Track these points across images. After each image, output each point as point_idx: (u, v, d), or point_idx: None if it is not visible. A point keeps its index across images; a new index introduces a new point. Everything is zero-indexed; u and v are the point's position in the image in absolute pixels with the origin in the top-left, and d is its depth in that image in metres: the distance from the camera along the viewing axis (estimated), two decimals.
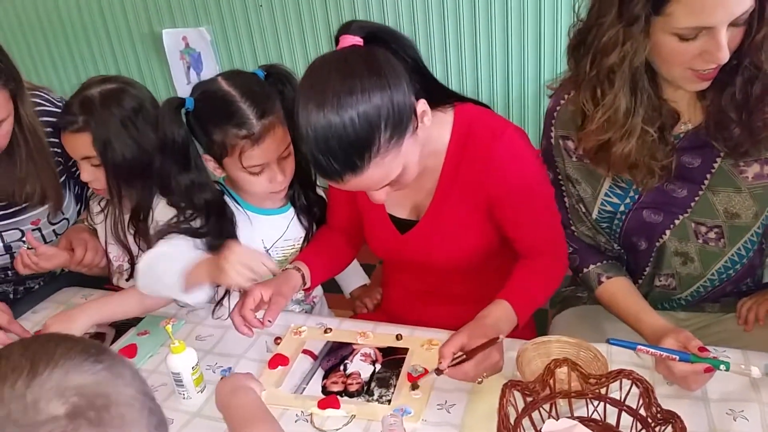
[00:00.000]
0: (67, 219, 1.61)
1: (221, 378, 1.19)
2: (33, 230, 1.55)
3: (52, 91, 1.57)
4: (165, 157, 1.24)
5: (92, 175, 1.37)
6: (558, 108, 1.22)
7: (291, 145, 1.26)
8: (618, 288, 1.24)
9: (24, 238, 1.53)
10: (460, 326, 1.26)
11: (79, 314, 1.30)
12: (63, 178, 1.55)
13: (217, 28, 2.66)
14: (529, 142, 1.24)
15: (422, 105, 1.06)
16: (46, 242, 1.56)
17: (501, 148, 1.17)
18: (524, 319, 1.17)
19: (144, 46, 2.83)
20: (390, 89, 0.97)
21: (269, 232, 1.38)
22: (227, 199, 1.34)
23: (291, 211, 1.42)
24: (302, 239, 1.43)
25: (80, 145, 1.33)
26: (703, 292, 1.27)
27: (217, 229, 1.29)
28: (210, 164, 1.28)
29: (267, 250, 1.38)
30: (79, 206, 1.65)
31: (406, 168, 1.06)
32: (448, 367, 1.04)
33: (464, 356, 1.03)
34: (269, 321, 1.18)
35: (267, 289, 1.21)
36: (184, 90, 2.82)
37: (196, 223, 1.29)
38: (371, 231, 1.36)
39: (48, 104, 1.52)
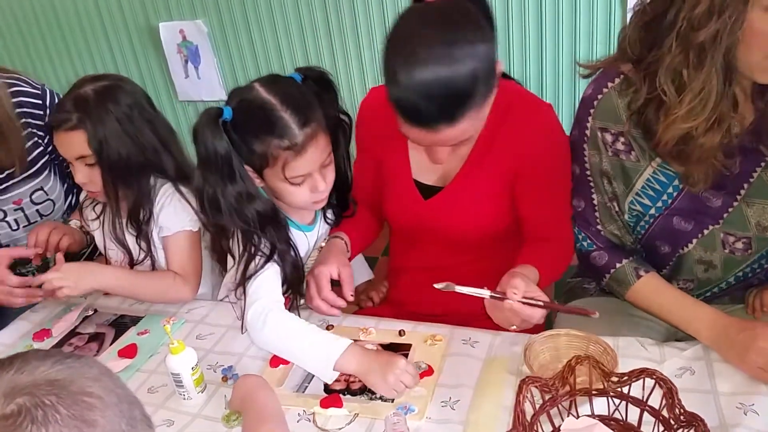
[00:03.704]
0: (51, 200, 1.61)
1: (227, 377, 1.18)
2: (15, 210, 1.56)
3: (27, 75, 1.59)
4: (208, 173, 1.15)
5: (87, 177, 1.34)
6: (600, 96, 1.12)
7: (332, 152, 1.22)
8: (660, 281, 1.19)
9: (6, 218, 1.57)
10: (466, 308, 1.25)
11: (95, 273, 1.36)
12: (44, 160, 1.56)
13: (214, 20, 2.64)
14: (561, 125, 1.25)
15: (500, 65, 1.06)
16: (30, 222, 1.59)
17: (540, 122, 1.20)
18: (543, 283, 1.18)
19: (141, 40, 2.81)
20: (488, 42, 1.00)
21: (303, 244, 1.34)
22: None
23: (320, 221, 1.39)
24: (328, 235, 1.41)
25: (75, 144, 1.30)
26: (717, 292, 1.25)
27: (277, 238, 1.23)
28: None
29: (303, 264, 1.34)
30: (69, 198, 1.66)
31: (478, 128, 1.08)
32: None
33: (540, 303, 1.04)
34: (351, 295, 1.24)
35: (333, 267, 1.23)
36: (182, 83, 2.80)
37: (264, 246, 1.22)
38: (394, 197, 1.35)
39: (26, 85, 1.53)
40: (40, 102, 1.54)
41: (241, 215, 1.18)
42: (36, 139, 1.54)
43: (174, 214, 1.40)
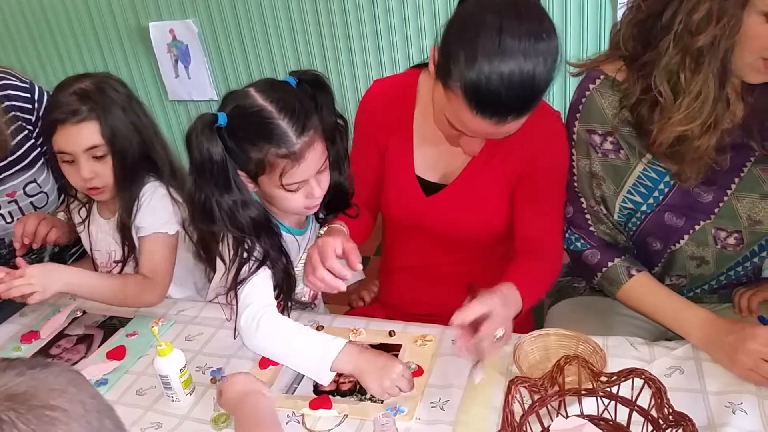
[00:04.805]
0: (45, 193, 1.61)
1: (216, 379, 1.17)
2: (9, 202, 1.56)
3: (15, 70, 1.59)
4: (202, 179, 1.12)
5: (93, 171, 1.33)
6: (583, 100, 1.13)
7: (327, 158, 1.20)
8: (651, 281, 1.19)
9: (0, 211, 1.57)
10: (457, 308, 1.25)
11: (64, 275, 1.31)
12: (36, 153, 1.56)
13: (204, 20, 2.62)
14: None
15: None
16: (23, 214, 1.58)
17: (547, 128, 1.21)
18: (526, 308, 1.16)
19: (131, 40, 2.79)
20: (557, 36, 1.00)
21: (294, 248, 1.33)
22: None
23: (312, 224, 1.38)
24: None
25: (85, 135, 1.30)
26: (708, 290, 1.26)
27: (269, 245, 1.21)
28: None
29: (294, 268, 1.32)
30: (61, 195, 1.66)
31: None
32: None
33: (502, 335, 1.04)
34: (359, 264, 1.17)
35: (338, 240, 1.17)
36: (172, 83, 2.79)
37: (257, 251, 1.20)
38: (394, 191, 1.34)
39: (14, 79, 1.54)
40: (28, 96, 1.54)
41: (235, 222, 1.16)
42: (26, 132, 1.54)
43: (151, 214, 1.39)
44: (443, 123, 1.12)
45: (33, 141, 1.56)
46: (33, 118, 1.55)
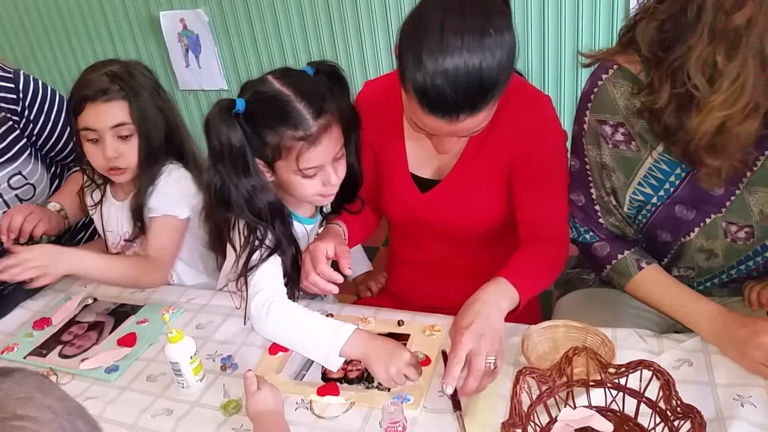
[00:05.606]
0: (32, 184, 1.59)
1: (225, 366, 1.18)
2: None
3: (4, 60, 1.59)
4: (220, 165, 1.14)
5: (117, 150, 1.36)
6: (595, 90, 1.12)
7: (344, 146, 1.20)
8: (661, 273, 1.18)
9: None
10: (463, 301, 1.25)
11: (68, 257, 1.31)
12: (21, 144, 1.55)
13: (215, 9, 2.63)
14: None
15: None
16: (8, 207, 1.55)
17: (536, 114, 1.19)
18: (526, 298, 1.14)
19: (141, 29, 2.80)
20: (512, 30, 0.99)
21: (304, 237, 1.34)
22: None
23: (320, 217, 1.39)
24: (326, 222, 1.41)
25: (112, 113, 1.33)
26: (718, 283, 1.24)
27: (282, 233, 1.22)
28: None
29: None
30: (54, 183, 1.66)
31: (489, 118, 1.07)
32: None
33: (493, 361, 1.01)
34: (349, 268, 1.19)
35: (330, 243, 1.20)
36: (182, 73, 2.80)
37: (269, 239, 1.21)
38: (391, 190, 1.34)
39: None
40: (12, 86, 1.52)
41: (252, 207, 1.18)
42: (11, 123, 1.53)
43: (165, 197, 1.41)
44: (411, 123, 1.12)
45: (18, 132, 1.54)
46: (18, 109, 1.53)
